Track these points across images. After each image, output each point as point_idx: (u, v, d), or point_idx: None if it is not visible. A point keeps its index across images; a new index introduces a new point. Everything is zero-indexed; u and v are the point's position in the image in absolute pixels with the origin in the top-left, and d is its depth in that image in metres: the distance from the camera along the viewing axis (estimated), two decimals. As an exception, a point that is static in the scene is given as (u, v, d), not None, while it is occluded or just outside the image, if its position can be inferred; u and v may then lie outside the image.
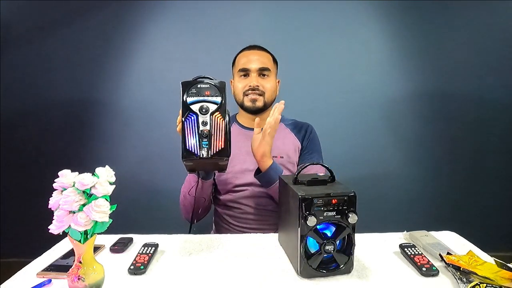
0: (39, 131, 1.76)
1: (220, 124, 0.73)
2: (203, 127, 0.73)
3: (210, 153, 0.72)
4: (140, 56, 1.73)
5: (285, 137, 1.14)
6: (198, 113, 0.73)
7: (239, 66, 1.11)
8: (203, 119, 0.73)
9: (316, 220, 0.64)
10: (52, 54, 1.72)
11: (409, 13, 1.73)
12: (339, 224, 0.67)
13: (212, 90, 0.74)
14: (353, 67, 1.75)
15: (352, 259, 0.69)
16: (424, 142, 1.79)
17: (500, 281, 0.62)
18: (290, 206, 0.72)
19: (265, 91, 1.10)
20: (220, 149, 0.73)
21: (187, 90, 0.74)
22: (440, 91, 1.76)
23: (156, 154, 1.75)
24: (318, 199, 0.66)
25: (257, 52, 1.13)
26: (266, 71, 1.11)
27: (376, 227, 0.89)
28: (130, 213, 1.66)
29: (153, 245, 0.81)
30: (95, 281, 0.61)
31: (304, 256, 0.67)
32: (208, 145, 0.72)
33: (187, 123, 0.73)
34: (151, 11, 1.71)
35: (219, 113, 0.74)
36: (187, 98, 0.74)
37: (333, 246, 0.66)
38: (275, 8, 1.71)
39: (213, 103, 0.74)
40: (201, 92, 0.74)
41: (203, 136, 0.72)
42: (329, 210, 0.66)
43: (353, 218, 0.66)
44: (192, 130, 0.72)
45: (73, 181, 0.57)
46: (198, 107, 0.73)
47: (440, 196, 1.81)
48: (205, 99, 0.74)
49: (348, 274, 0.69)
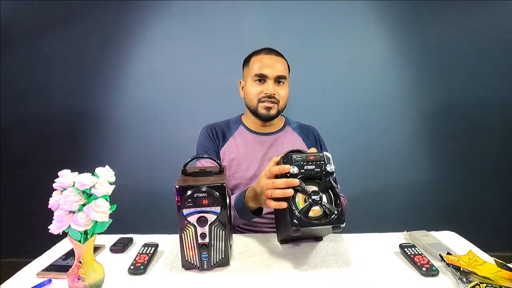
0: (39, 131, 1.76)
1: (220, 235, 0.70)
2: (202, 240, 0.69)
3: (211, 264, 0.71)
4: (140, 56, 1.73)
5: (293, 141, 1.14)
6: (196, 225, 0.68)
7: (255, 70, 1.07)
8: (202, 231, 0.69)
9: (298, 170, 0.70)
10: (52, 54, 1.72)
11: (410, 13, 1.72)
12: (321, 178, 0.71)
13: (210, 199, 0.68)
14: (353, 67, 1.74)
15: (341, 211, 0.69)
16: (424, 142, 1.80)
17: (500, 281, 0.62)
18: (278, 176, 0.73)
19: (280, 99, 1.08)
20: (220, 259, 0.72)
21: (183, 202, 0.68)
22: (440, 91, 1.76)
23: (156, 154, 1.75)
24: (297, 155, 0.73)
25: (275, 58, 1.09)
26: (283, 79, 1.08)
27: (376, 227, 0.90)
28: (130, 213, 1.66)
29: (153, 245, 0.81)
30: (95, 281, 0.61)
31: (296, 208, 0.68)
32: (207, 258, 0.70)
33: (185, 235, 0.69)
34: (151, 11, 1.71)
35: (219, 224, 0.69)
36: (183, 210, 0.68)
37: (319, 196, 0.68)
38: (275, 8, 1.71)
39: (212, 213, 0.68)
40: (198, 202, 0.67)
41: (203, 249, 0.70)
42: (308, 165, 0.72)
43: (330, 167, 0.71)
44: (190, 243, 0.70)
45: (73, 181, 0.57)
46: (195, 219, 0.68)
47: (440, 196, 1.81)
48: (203, 210, 0.68)
49: (342, 225, 0.68)
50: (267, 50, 1.12)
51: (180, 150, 1.56)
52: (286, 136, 1.15)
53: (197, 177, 0.74)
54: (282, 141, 1.12)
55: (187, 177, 0.75)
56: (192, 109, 1.74)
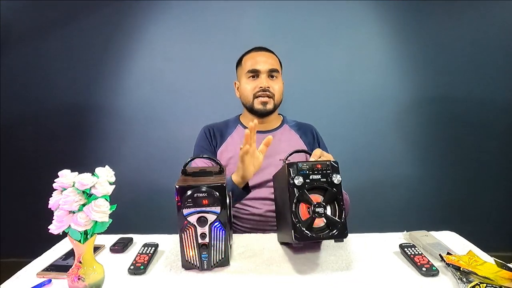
0: (39, 131, 1.76)
1: (220, 236, 0.70)
2: (202, 240, 0.69)
3: (211, 265, 0.71)
4: (140, 56, 1.73)
5: (290, 139, 1.14)
6: (196, 226, 0.68)
7: (247, 67, 1.10)
8: (202, 231, 0.69)
9: (303, 180, 0.68)
10: (52, 54, 1.72)
11: (411, 13, 1.72)
12: (326, 188, 0.69)
13: (210, 198, 0.68)
14: (354, 68, 1.74)
15: (345, 223, 0.68)
16: (424, 142, 1.79)
17: (500, 281, 0.62)
18: (282, 185, 0.73)
19: (275, 93, 1.10)
20: (220, 259, 0.72)
21: (183, 202, 0.68)
22: (441, 91, 1.76)
23: (156, 154, 1.75)
24: (303, 163, 0.70)
25: (265, 54, 1.13)
26: (275, 73, 1.11)
27: (376, 227, 0.90)
28: (130, 213, 1.66)
29: (153, 245, 0.81)
30: (95, 281, 0.61)
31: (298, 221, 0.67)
32: (207, 258, 0.70)
33: (185, 235, 0.69)
34: (151, 11, 1.71)
35: (219, 224, 0.69)
36: (183, 209, 0.68)
37: (323, 208, 0.67)
38: (275, 9, 1.71)
39: (211, 213, 0.68)
40: (198, 202, 0.67)
41: (203, 249, 0.70)
42: (314, 174, 0.69)
43: (337, 178, 0.69)
44: (190, 242, 0.70)
45: (73, 181, 0.57)
46: (195, 219, 0.68)
47: (440, 196, 1.81)
48: (203, 210, 0.68)
49: (344, 239, 0.68)
50: (257, 48, 1.15)
51: (180, 150, 1.56)
52: (284, 133, 1.15)
53: (197, 177, 0.74)
54: (280, 139, 1.13)
55: (187, 177, 0.75)
56: (192, 109, 1.74)
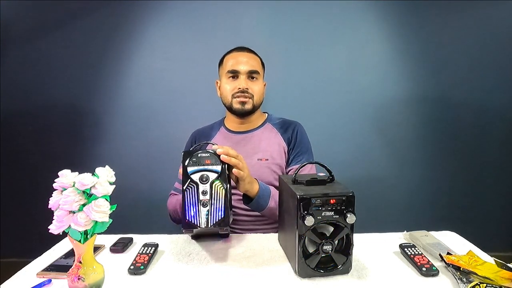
0: (39, 131, 1.76)
1: (220, 193, 0.73)
2: (203, 196, 0.73)
3: (210, 223, 0.72)
4: (140, 56, 1.73)
5: (270, 137, 1.13)
6: (199, 183, 0.73)
7: (227, 67, 1.10)
8: (203, 188, 0.73)
9: (314, 220, 0.64)
10: (52, 53, 1.71)
11: (409, 14, 1.72)
12: (337, 224, 0.67)
13: (212, 159, 0.75)
14: (352, 68, 1.74)
15: (350, 260, 0.69)
16: (424, 142, 1.79)
17: (500, 281, 0.62)
18: (289, 206, 0.72)
19: (254, 94, 1.10)
20: (220, 218, 0.73)
21: (188, 160, 0.75)
22: (439, 92, 1.76)
23: (156, 154, 1.75)
24: (316, 199, 0.66)
25: (246, 55, 1.12)
26: (255, 74, 1.10)
27: (376, 227, 0.90)
28: (130, 213, 1.66)
29: (153, 245, 0.81)
30: (95, 281, 0.61)
31: (302, 255, 0.67)
32: (207, 215, 0.72)
33: (187, 193, 0.73)
34: (151, 11, 1.70)
35: (219, 182, 0.74)
36: (188, 167, 0.74)
37: (331, 246, 0.66)
38: (274, 9, 1.70)
39: (213, 172, 0.74)
40: (201, 161, 0.75)
41: (203, 206, 0.73)
42: (327, 210, 0.66)
43: (351, 218, 0.66)
44: (192, 200, 0.73)
45: (73, 181, 0.57)
46: (198, 177, 0.74)
47: (440, 196, 1.81)
48: (206, 168, 0.74)
49: (347, 274, 0.69)
50: (239, 48, 1.15)
51: (180, 150, 1.54)
52: (264, 132, 1.15)
53: None
54: (259, 138, 1.13)
55: None
56: (192, 109, 1.74)
